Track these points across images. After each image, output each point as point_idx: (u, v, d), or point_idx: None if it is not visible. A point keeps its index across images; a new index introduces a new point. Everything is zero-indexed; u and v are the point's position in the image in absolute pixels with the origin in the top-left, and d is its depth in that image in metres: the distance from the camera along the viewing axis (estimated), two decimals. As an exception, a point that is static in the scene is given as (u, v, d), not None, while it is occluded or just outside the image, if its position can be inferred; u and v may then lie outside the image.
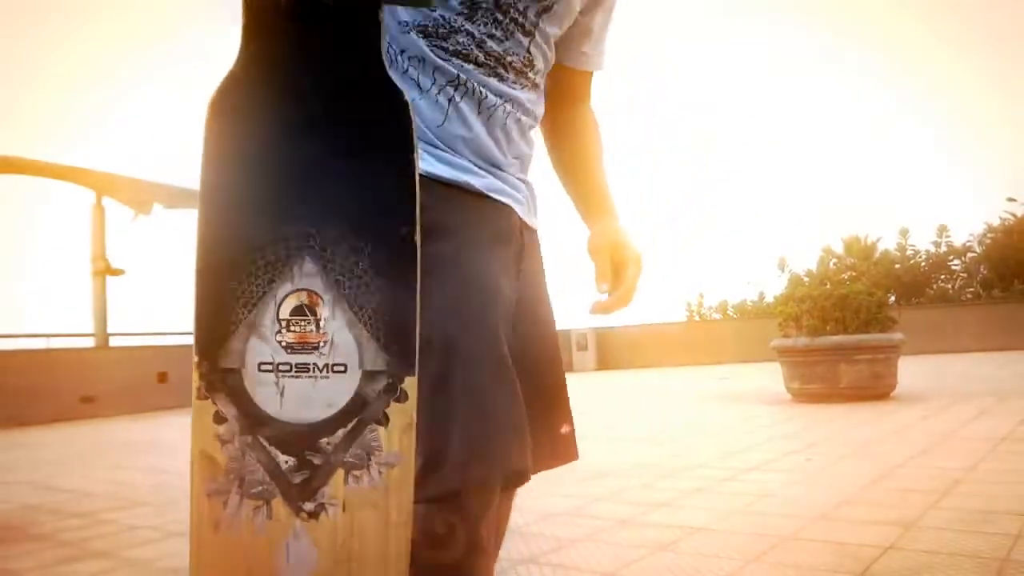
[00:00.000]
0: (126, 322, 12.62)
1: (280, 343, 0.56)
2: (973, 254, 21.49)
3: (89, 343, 11.77)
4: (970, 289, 21.02)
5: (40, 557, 2.61)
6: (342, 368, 0.57)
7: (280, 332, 0.56)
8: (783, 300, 7.53)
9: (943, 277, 21.72)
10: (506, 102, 0.88)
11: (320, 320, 0.57)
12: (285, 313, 0.56)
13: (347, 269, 0.57)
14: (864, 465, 3.36)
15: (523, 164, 0.97)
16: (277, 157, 0.58)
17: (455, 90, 0.84)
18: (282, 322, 0.56)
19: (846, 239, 23.77)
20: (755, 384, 9.17)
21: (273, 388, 0.57)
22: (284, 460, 0.57)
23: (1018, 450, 3.51)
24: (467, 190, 0.85)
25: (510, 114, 0.89)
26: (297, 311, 0.56)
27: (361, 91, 0.58)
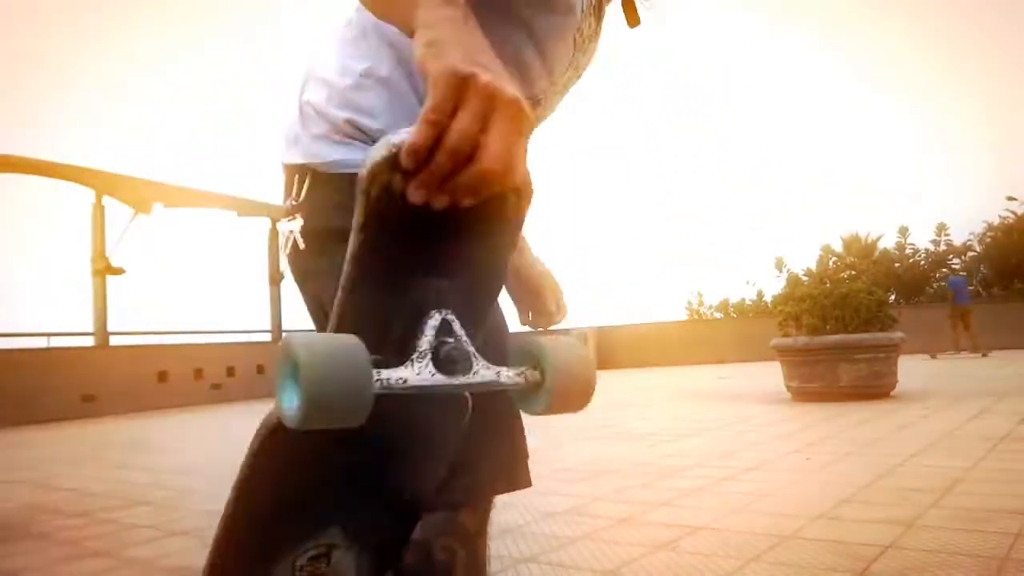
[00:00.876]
0: (126, 321, 12.58)
1: None
2: (973, 253, 21.49)
3: (89, 342, 11.76)
4: (970, 288, 21.00)
5: (40, 556, 2.61)
6: None
7: None
8: (783, 299, 7.52)
9: (943, 276, 21.70)
10: None
11: None
12: None
13: None
14: (864, 464, 3.37)
15: None
16: None
17: None
18: None
19: (846, 237, 23.77)
20: (755, 383, 9.17)
21: None
22: None
23: (1018, 449, 3.52)
24: None
25: None
26: None
27: None
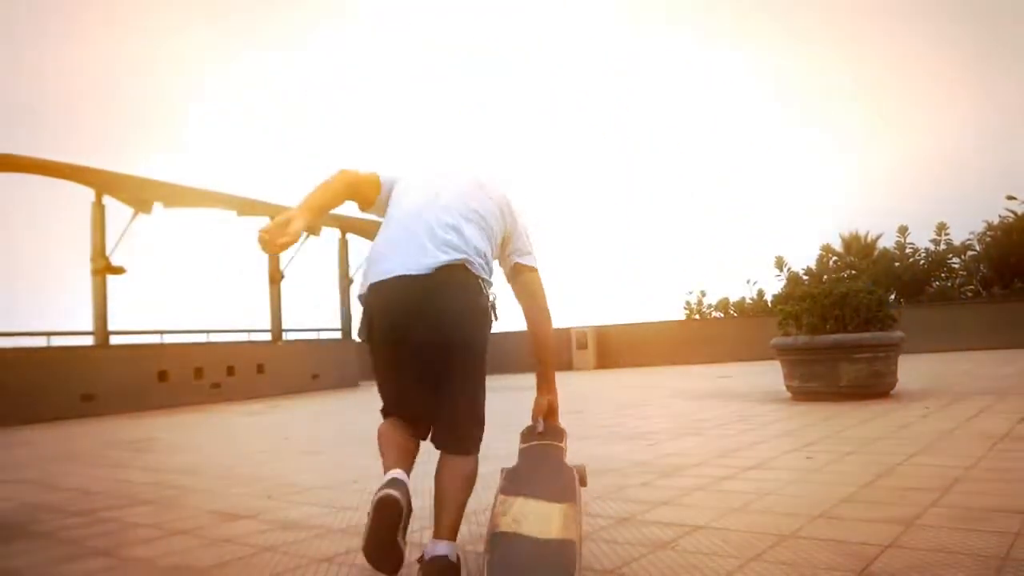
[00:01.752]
0: (126, 321, 12.55)
1: None
2: (973, 252, 21.43)
3: (89, 341, 11.75)
4: (970, 287, 20.95)
5: (40, 555, 2.61)
6: None
7: None
8: (783, 298, 7.52)
9: (943, 275, 21.65)
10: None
11: None
12: None
13: None
14: (864, 463, 3.37)
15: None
16: None
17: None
18: None
19: (845, 237, 23.71)
20: (755, 382, 9.17)
21: None
22: None
23: (1018, 448, 3.52)
24: None
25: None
26: None
27: None
